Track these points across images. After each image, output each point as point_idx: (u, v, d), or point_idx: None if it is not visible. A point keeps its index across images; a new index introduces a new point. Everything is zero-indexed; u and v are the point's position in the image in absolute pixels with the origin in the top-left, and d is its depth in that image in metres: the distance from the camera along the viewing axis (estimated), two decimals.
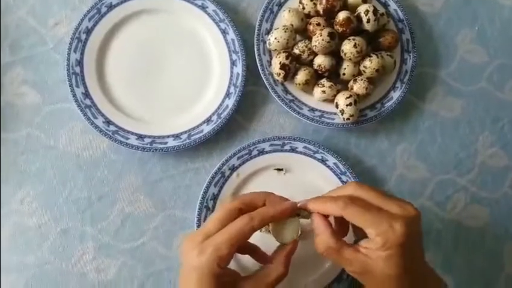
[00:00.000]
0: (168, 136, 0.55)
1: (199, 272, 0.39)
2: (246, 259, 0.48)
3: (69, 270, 0.54)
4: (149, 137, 0.55)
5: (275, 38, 0.55)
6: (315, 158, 0.56)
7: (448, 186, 0.59)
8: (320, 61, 0.55)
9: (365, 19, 0.54)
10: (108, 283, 0.54)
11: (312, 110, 0.57)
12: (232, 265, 0.41)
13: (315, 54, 0.56)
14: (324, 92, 0.55)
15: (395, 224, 0.38)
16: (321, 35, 0.53)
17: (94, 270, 0.54)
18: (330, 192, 0.44)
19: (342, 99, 0.54)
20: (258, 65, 0.56)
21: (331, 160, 0.56)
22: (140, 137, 0.55)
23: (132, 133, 0.55)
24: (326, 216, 0.42)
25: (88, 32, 0.55)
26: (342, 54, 0.55)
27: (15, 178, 0.55)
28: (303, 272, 0.55)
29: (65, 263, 0.54)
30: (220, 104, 0.57)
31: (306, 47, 0.55)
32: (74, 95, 0.54)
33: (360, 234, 0.41)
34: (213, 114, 0.56)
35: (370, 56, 0.55)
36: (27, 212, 0.55)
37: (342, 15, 0.54)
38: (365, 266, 0.39)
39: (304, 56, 0.55)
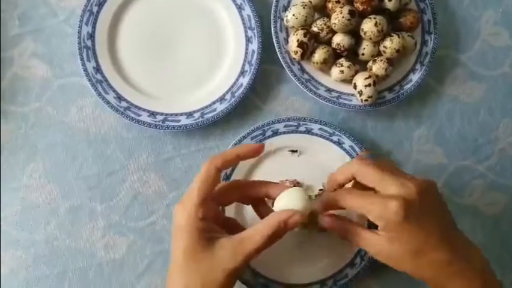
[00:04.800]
0: (181, 114, 0.54)
1: (183, 229, 0.39)
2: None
3: (77, 247, 0.54)
4: (162, 114, 0.54)
5: (293, 15, 0.53)
6: (331, 140, 0.55)
7: (465, 172, 0.58)
8: (339, 40, 0.53)
9: None
10: (117, 261, 0.54)
11: (329, 90, 0.55)
12: None
13: (334, 33, 0.54)
14: (342, 72, 0.54)
15: (389, 205, 0.37)
16: (341, 13, 0.51)
17: (103, 248, 0.54)
18: (336, 171, 0.44)
19: (360, 79, 0.53)
20: (275, 42, 0.54)
21: (347, 143, 0.54)
22: (152, 114, 0.54)
23: (144, 110, 0.54)
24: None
25: (100, 4, 0.54)
26: (361, 33, 0.53)
27: (24, 153, 0.54)
28: (316, 256, 0.54)
29: (74, 240, 0.54)
30: (235, 83, 0.55)
31: (325, 24, 0.53)
32: (85, 69, 0.53)
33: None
34: (227, 92, 0.55)
35: (391, 36, 0.53)
36: (36, 187, 0.54)
37: None
38: (378, 248, 0.39)
39: (323, 34, 0.54)
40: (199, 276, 0.38)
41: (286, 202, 0.40)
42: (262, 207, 0.45)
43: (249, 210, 0.47)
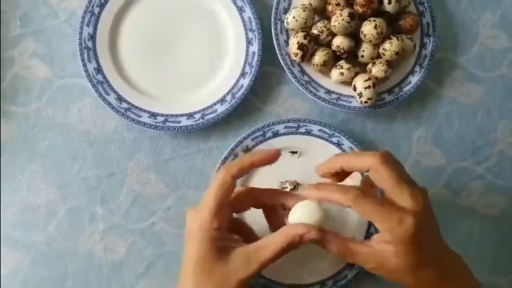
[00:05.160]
0: (181, 115, 0.54)
1: (196, 237, 0.39)
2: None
3: (77, 249, 0.53)
4: (162, 115, 0.54)
5: (293, 17, 0.53)
6: (330, 141, 0.55)
7: (464, 173, 0.58)
8: (339, 42, 0.54)
9: (386, 0, 0.53)
10: (116, 263, 0.54)
11: (329, 92, 0.56)
12: None
13: (334, 35, 0.54)
14: (342, 74, 0.54)
15: (405, 219, 0.37)
16: (341, 15, 0.52)
17: (102, 250, 0.54)
18: (351, 157, 0.42)
19: (360, 81, 0.53)
20: (275, 44, 0.55)
21: (347, 144, 0.55)
22: (153, 115, 0.54)
23: (145, 111, 0.54)
24: None
25: (102, 5, 0.54)
26: (361, 36, 0.53)
27: (24, 153, 0.54)
28: (315, 256, 0.54)
29: (73, 242, 0.54)
30: (235, 84, 0.55)
31: (325, 27, 0.54)
32: (86, 70, 0.53)
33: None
34: (227, 94, 0.55)
35: (390, 39, 0.53)
36: (36, 188, 0.54)
37: None
38: (380, 260, 0.39)
39: (323, 36, 0.54)
40: (211, 287, 0.38)
41: (301, 214, 0.40)
42: (275, 216, 0.45)
43: (247, 213, 0.47)
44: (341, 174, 0.43)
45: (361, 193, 0.38)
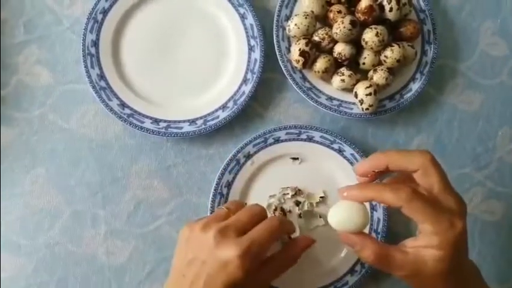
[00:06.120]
0: (184, 121, 0.55)
1: (233, 270, 0.38)
2: None
3: (79, 253, 0.54)
4: (165, 121, 0.54)
5: (295, 24, 0.54)
6: (332, 148, 0.55)
7: (464, 180, 0.58)
8: (340, 49, 0.54)
9: (387, 8, 0.53)
10: (119, 267, 0.54)
11: (330, 99, 0.56)
12: None
13: (335, 42, 0.55)
14: (343, 80, 0.54)
15: (456, 223, 0.36)
16: (342, 23, 0.52)
17: (105, 254, 0.54)
18: (398, 155, 0.39)
19: (361, 88, 0.53)
20: (277, 51, 0.55)
21: (348, 151, 0.55)
22: (156, 121, 0.54)
23: (147, 117, 0.54)
24: None
25: (105, 12, 0.54)
26: (363, 43, 0.54)
27: (27, 159, 0.54)
28: (316, 262, 0.54)
29: (76, 246, 0.54)
30: (237, 90, 0.56)
31: (327, 34, 0.54)
32: (89, 76, 0.53)
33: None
34: (229, 100, 0.55)
35: (392, 46, 0.54)
36: (39, 193, 0.54)
37: (364, 3, 0.53)
38: (416, 267, 0.37)
39: (324, 43, 0.54)
40: None
41: (346, 217, 0.39)
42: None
43: None
44: (374, 175, 0.41)
45: (413, 193, 0.36)
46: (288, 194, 0.55)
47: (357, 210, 0.39)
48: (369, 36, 0.53)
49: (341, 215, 0.39)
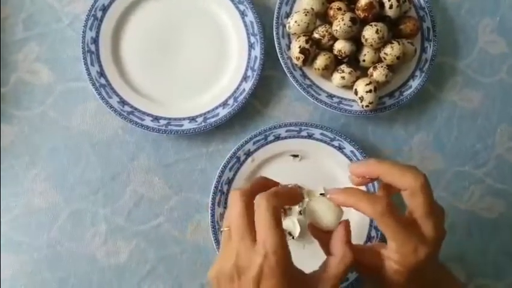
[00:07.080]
0: (184, 118, 0.55)
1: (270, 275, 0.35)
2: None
3: (80, 252, 0.54)
4: (165, 118, 0.54)
5: (295, 22, 0.54)
6: (332, 145, 0.55)
7: (463, 177, 0.59)
8: (340, 46, 0.54)
9: (387, 5, 0.53)
10: (119, 265, 0.54)
11: (330, 96, 0.56)
12: None
13: (335, 39, 0.55)
14: (343, 78, 0.54)
15: (420, 250, 0.37)
16: (342, 20, 0.52)
17: (105, 253, 0.54)
18: (392, 170, 0.39)
19: (361, 85, 0.54)
20: (277, 48, 0.55)
21: (348, 148, 0.55)
22: (156, 118, 0.54)
23: (147, 114, 0.54)
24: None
25: (104, 9, 0.54)
26: (363, 40, 0.54)
27: (27, 157, 0.54)
28: (317, 259, 0.54)
29: (76, 245, 0.54)
30: (237, 88, 0.56)
31: (327, 31, 0.54)
32: (89, 74, 0.53)
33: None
34: (229, 97, 0.55)
35: (391, 43, 0.54)
36: (39, 191, 0.54)
37: (364, 0, 0.53)
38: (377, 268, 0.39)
39: (325, 40, 0.54)
40: None
41: (322, 212, 0.40)
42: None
43: None
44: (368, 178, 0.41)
45: (389, 208, 0.37)
46: None
47: (334, 211, 0.40)
48: (369, 33, 0.53)
49: (318, 209, 0.40)
